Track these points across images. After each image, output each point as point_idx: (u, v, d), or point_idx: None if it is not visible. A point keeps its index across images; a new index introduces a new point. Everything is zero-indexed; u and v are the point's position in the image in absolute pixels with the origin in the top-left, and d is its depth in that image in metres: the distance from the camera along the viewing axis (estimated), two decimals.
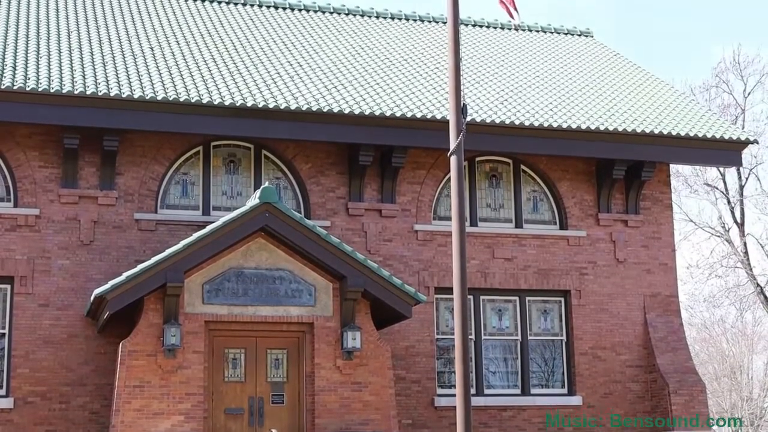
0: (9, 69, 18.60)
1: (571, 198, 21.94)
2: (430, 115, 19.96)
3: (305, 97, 19.81)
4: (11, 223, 18.77)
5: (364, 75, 21.86)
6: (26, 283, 18.62)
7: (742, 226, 38.51)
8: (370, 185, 20.73)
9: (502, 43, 26.49)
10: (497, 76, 23.51)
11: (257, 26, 24.13)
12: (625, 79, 24.91)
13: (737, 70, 39.71)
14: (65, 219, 19.03)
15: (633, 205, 22.18)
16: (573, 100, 22.49)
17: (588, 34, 28.61)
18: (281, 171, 20.61)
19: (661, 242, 22.37)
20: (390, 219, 20.73)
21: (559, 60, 25.71)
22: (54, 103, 18.19)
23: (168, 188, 19.97)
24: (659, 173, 22.48)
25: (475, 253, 20.96)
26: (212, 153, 20.33)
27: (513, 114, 20.91)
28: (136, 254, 19.09)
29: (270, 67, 21.25)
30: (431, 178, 21.14)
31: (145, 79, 19.32)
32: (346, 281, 17.70)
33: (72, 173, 19.13)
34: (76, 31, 21.39)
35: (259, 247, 17.81)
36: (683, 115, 22.72)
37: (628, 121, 21.61)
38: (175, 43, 21.83)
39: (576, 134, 20.94)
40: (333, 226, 20.23)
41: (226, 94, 19.28)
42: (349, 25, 25.71)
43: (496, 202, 21.76)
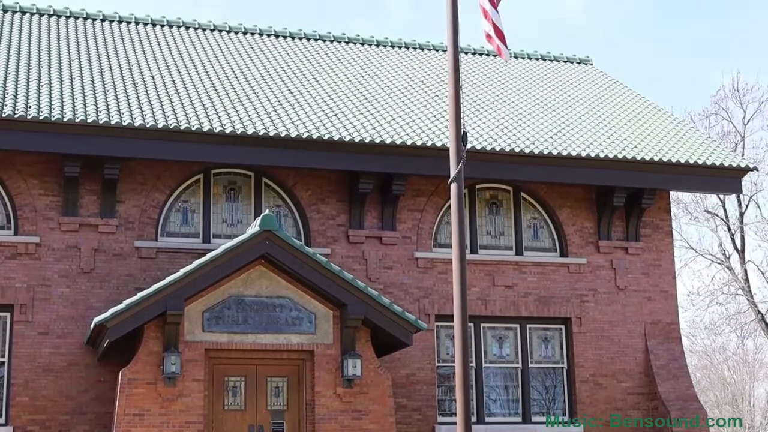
0: (10, 97, 18.65)
1: (572, 225, 21.95)
2: (431, 142, 19.99)
3: (306, 125, 19.85)
4: (11, 251, 18.76)
5: (365, 103, 21.92)
6: (26, 311, 18.59)
7: (743, 253, 38.46)
8: (370, 213, 20.74)
9: (502, 71, 26.57)
10: (497, 104, 23.57)
11: (258, 55, 24.21)
12: (625, 106, 24.97)
13: (736, 98, 39.77)
14: (65, 247, 19.03)
15: (633, 232, 22.18)
16: (573, 128, 22.53)
17: (587, 62, 28.71)
18: (281, 198, 20.63)
19: (661, 269, 22.35)
20: (390, 246, 20.72)
21: (559, 87, 25.78)
22: (55, 132, 18.22)
23: (168, 216, 19.98)
24: (659, 200, 22.49)
25: (475, 281, 20.94)
26: (212, 181, 20.35)
27: (513, 141, 20.95)
28: (137, 282, 19.08)
29: (270, 95, 21.30)
30: (431, 206, 21.15)
31: (146, 107, 19.37)
32: (346, 309, 17.67)
33: (72, 201, 19.15)
34: (77, 60, 21.47)
35: (260, 275, 17.80)
36: (683, 142, 22.76)
37: (628, 149, 21.64)
38: (175, 71, 21.91)
39: (576, 162, 20.97)
40: (333, 254, 20.22)
41: (226, 122, 19.32)
42: (349, 53, 25.80)
43: (496, 230, 21.76)
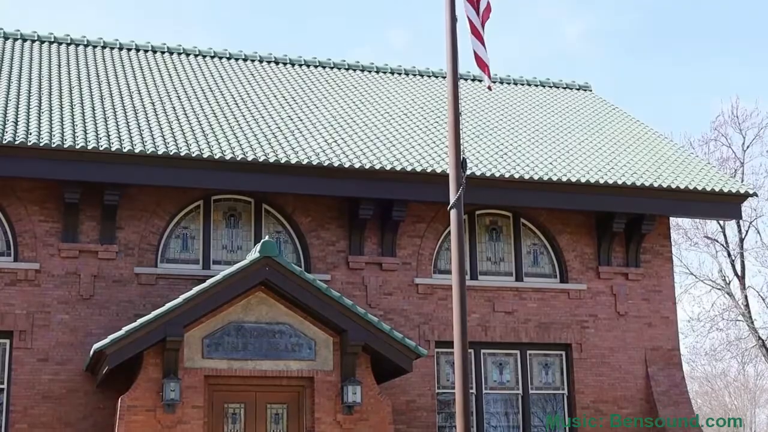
0: (11, 124, 18.69)
1: (572, 251, 21.94)
2: (430, 168, 20.02)
3: (306, 152, 19.88)
4: (11, 278, 18.75)
5: (365, 129, 21.96)
6: (25, 338, 18.55)
7: (743, 278, 38.42)
8: (370, 239, 20.73)
9: (502, 97, 26.63)
10: (497, 130, 23.62)
11: (258, 81, 24.28)
12: (624, 132, 25.01)
13: (736, 124, 39.84)
14: (65, 273, 19.02)
15: (633, 258, 22.17)
16: (572, 154, 22.56)
17: (586, 88, 28.78)
18: (281, 225, 20.64)
19: (661, 295, 22.32)
20: (390, 272, 20.70)
21: (558, 113, 25.84)
22: (55, 158, 18.25)
23: (168, 242, 19.98)
24: (659, 226, 22.49)
25: (475, 307, 20.91)
26: (212, 207, 20.36)
27: (513, 167, 20.98)
28: (136, 308, 19.05)
29: (270, 122, 21.35)
30: (431, 232, 21.16)
31: (146, 134, 19.41)
32: (346, 335, 17.64)
33: (72, 227, 19.15)
34: (78, 87, 21.53)
35: (259, 301, 17.78)
36: (682, 168, 22.78)
37: (628, 175, 21.67)
38: (176, 98, 21.96)
39: (575, 187, 20.99)
40: (333, 280, 20.20)
41: (226, 148, 19.35)
42: (349, 79, 25.86)
43: (496, 256, 21.75)
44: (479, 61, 14.13)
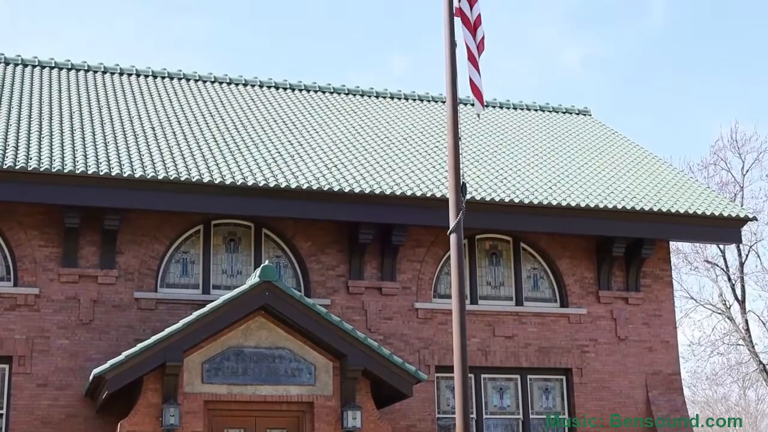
0: (11, 149, 18.72)
1: (572, 275, 21.93)
2: (430, 193, 20.03)
3: (305, 176, 19.91)
4: (11, 303, 18.73)
5: (364, 154, 21.99)
6: (25, 363, 18.51)
7: (743, 303, 38.37)
8: (370, 263, 20.73)
9: (501, 122, 26.68)
10: (496, 155, 23.65)
11: (258, 106, 24.33)
12: (624, 156, 25.04)
13: (735, 148, 39.88)
14: (65, 298, 19.00)
15: (633, 282, 22.15)
16: (572, 178, 22.58)
17: (586, 113, 28.84)
18: (281, 249, 20.63)
19: (662, 319, 22.30)
20: (390, 297, 20.69)
21: (558, 138, 25.88)
22: (55, 183, 18.27)
23: (168, 267, 19.97)
24: (659, 250, 22.48)
25: (475, 331, 20.88)
26: (212, 231, 20.37)
27: (512, 192, 20.99)
28: (136, 333, 19.02)
29: (270, 147, 21.38)
30: (431, 256, 21.15)
31: (146, 159, 19.43)
32: (346, 360, 17.61)
33: (72, 252, 19.15)
34: (78, 112, 21.57)
35: (259, 326, 17.75)
36: (682, 192, 22.80)
37: (627, 199, 21.68)
38: (176, 122, 22.01)
39: (575, 212, 20.99)
40: (333, 305, 20.18)
41: (226, 173, 19.37)
42: (349, 104, 25.92)
43: (496, 280, 21.74)
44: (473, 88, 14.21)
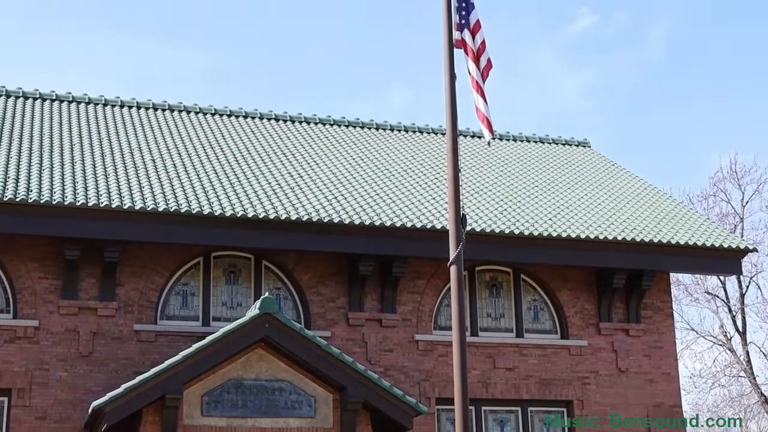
0: (12, 181, 18.74)
1: (572, 307, 21.89)
2: (430, 225, 20.04)
3: (305, 208, 19.92)
4: (10, 335, 18.68)
5: (365, 186, 22.01)
6: (24, 396, 18.43)
7: (744, 334, 38.29)
8: (370, 295, 20.70)
9: (501, 153, 26.73)
10: (496, 186, 23.67)
11: (258, 138, 24.38)
12: (623, 188, 25.07)
13: (734, 179, 39.93)
14: (64, 330, 18.95)
15: (634, 313, 22.11)
16: (572, 210, 22.60)
17: (585, 144, 28.90)
18: (281, 281, 20.61)
19: (663, 351, 22.24)
20: (390, 329, 20.64)
21: (558, 169, 25.91)
22: (55, 215, 18.28)
23: (168, 299, 19.94)
24: (659, 282, 22.46)
25: (476, 363, 20.81)
26: (212, 263, 20.35)
27: (512, 223, 20.99)
28: (135, 366, 18.95)
29: (270, 178, 21.41)
30: (431, 288, 21.12)
31: (146, 191, 19.45)
32: (346, 392, 17.55)
33: (72, 284, 19.12)
34: (79, 144, 21.62)
35: (259, 358, 17.70)
36: (682, 224, 22.81)
37: (627, 230, 21.68)
38: (176, 154, 22.04)
39: (575, 243, 20.99)
40: (333, 336, 20.14)
41: (226, 205, 19.39)
42: (349, 136, 25.98)
43: (496, 312, 21.70)
44: (480, 116, 14.21)
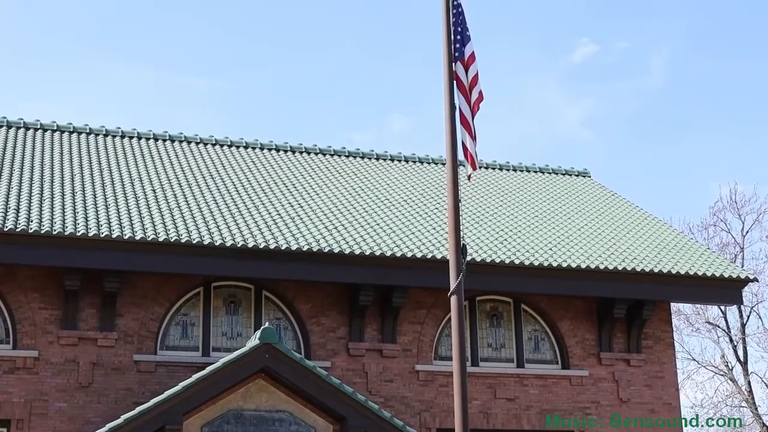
0: (12, 211, 18.76)
1: (573, 337, 21.85)
2: (431, 255, 20.03)
3: (306, 238, 19.92)
4: (9, 366, 18.63)
5: (365, 216, 22.03)
6: (23, 427, 18.36)
7: (746, 364, 38.21)
8: (370, 325, 20.67)
9: (501, 183, 26.76)
10: (497, 216, 23.69)
11: (258, 168, 24.42)
12: (623, 218, 25.08)
13: (734, 209, 39.99)
14: (64, 361, 18.91)
15: (635, 343, 22.07)
16: (572, 240, 22.60)
17: (585, 174, 28.94)
18: (281, 311, 20.59)
19: (664, 381, 22.18)
20: (391, 359, 20.60)
21: (558, 199, 25.94)
22: (55, 245, 18.28)
23: (168, 329, 19.91)
24: (660, 312, 22.44)
25: (476, 394, 20.75)
26: (213, 293, 20.33)
27: (513, 253, 20.99)
28: (135, 396, 18.90)
29: (271, 209, 21.42)
30: (432, 318, 21.09)
31: (147, 221, 19.46)
32: (346, 423, 17.48)
33: (72, 314, 19.10)
34: (80, 174, 21.64)
35: (259, 389, 17.65)
36: (682, 254, 22.81)
37: (628, 260, 21.68)
38: (177, 185, 22.07)
39: (576, 273, 20.98)
40: (333, 367, 20.09)
41: (227, 235, 19.40)
42: (349, 166, 26.02)
43: (497, 342, 21.66)
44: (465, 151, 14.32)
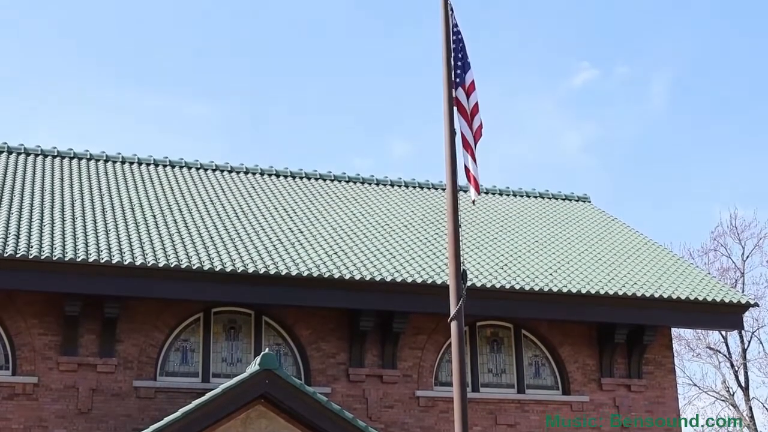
0: (12, 237, 18.76)
1: (573, 362, 21.81)
2: (431, 280, 20.02)
3: (306, 264, 19.91)
4: (9, 392, 18.59)
5: (365, 241, 22.02)
6: None
7: (747, 390, 38.12)
8: (370, 351, 20.62)
9: (501, 209, 26.77)
10: (497, 241, 23.69)
11: (258, 193, 24.43)
12: (623, 243, 25.07)
13: (735, 234, 40.01)
14: (63, 387, 18.86)
15: (636, 369, 22.02)
16: (572, 265, 22.59)
17: (585, 199, 28.96)
18: (281, 337, 20.55)
19: (665, 407, 22.11)
20: (391, 385, 20.55)
21: (558, 225, 25.94)
22: (55, 271, 18.27)
23: (168, 355, 19.87)
24: (661, 337, 22.40)
25: (477, 420, 20.69)
26: (212, 319, 20.30)
27: (513, 279, 20.98)
28: (135, 422, 18.84)
29: (271, 234, 21.42)
30: (432, 344, 21.05)
31: (147, 247, 19.46)
32: None
33: (72, 340, 19.06)
34: (80, 200, 21.66)
35: (259, 415, 17.60)
36: (682, 279, 22.79)
37: (628, 285, 21.66)
38: (177, 210, 22.07)
39: (576, 299, 20.96)
40: (334, 393, 20.03)
41: (227, 260, 19.39)
42: (349, 192, 26.03)
43: (497, 367, 21.61)
44: (468, 175, 14.32)
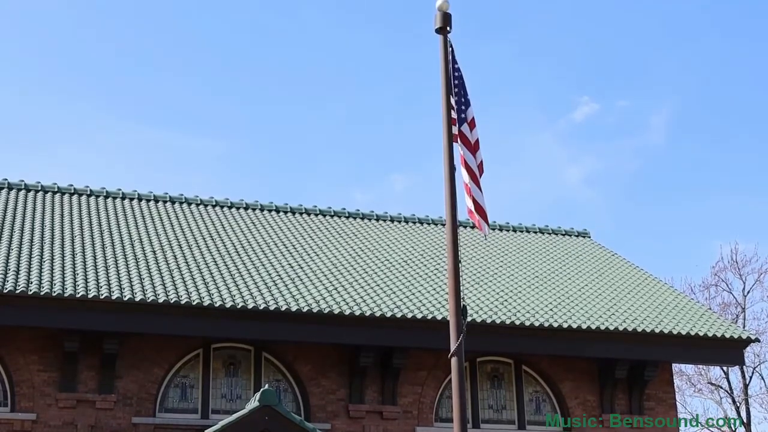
0: (12, 273, 18.74)
1: (574, 398, 21.72)
2: (431, 316, 19.98)
3: (306, 300, 19.88)
4: (7, 429, 18.50)
5: (365, 277, 22.00)
6: None
7: (749, 425, 37.92)
8: (370, 387, 20.55)
9: (501, 244, 26.76)
10: (497, 277, 23.66)
11: (258, 229, 24.43)
12: (624, 278, 25.05)
13: (735, 269, 39.95)
14: (62, 424, 18.77)
15: (637, 405, 21.93)
16: (573, 300, 22.55)
17: (585, 235, 28.96)
18: (281, 373, 20.48)
19: None
20: (391, 421, 20.45)
21: (558, 260, 25.92)
22: (55, 307, 18.24)
23: (167, 391, 19.79)
24: (662, 372, 22.32)
25: None
26: (212, 355, 20.24)
27: (513, 314, 20.94)
28: None
29: (271, 270, 21.40)
30: (432, 379, 20.98)
31: (147, 282, 19.44)
32: None
33: (71, 377, 19.00)
34: (80, 236, 21.65)
35: None
36: (683, 314, 22.75)
37: (628, 321, 21.61)
38: (177, 246, 22.07)
39: (576, 334, 20.91)
40: (334, 429, 19.94)
41: (227, 296, 19.36)
42: (349, 227, 26.04)
43: (498, 403, 21.53)
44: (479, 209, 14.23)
